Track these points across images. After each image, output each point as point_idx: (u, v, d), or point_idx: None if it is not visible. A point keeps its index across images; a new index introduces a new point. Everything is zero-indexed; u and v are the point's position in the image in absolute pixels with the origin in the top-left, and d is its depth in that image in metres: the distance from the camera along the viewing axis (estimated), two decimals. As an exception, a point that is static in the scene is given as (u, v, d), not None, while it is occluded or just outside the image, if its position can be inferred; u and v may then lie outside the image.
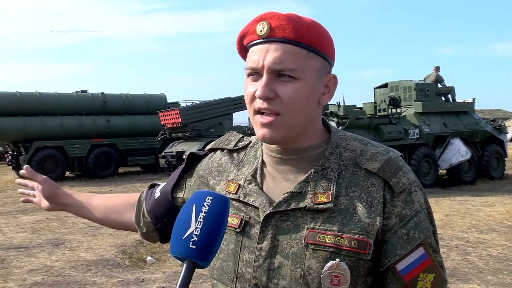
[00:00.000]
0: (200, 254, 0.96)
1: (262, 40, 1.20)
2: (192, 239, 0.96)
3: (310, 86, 1.21)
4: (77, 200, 1.71)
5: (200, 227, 0.97)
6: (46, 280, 6.14)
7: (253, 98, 1.21)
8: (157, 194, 1.51)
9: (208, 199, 1.00)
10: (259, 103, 1.20)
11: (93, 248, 7.73)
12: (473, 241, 7.71)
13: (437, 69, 16.62)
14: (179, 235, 0.98)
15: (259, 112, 1.21)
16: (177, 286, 0.94)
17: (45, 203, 1.73)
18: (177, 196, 1.47)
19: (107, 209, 1.66)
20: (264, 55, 1.18)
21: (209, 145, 1.48)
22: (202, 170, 1.43)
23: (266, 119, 1.19)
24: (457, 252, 7.02)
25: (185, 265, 0.97)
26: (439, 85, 16.34)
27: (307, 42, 1.19)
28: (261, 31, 1.20)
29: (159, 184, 1.56)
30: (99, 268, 6.60)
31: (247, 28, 1.24)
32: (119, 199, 1.68)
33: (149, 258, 7.14)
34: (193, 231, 0.97)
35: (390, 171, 1.21)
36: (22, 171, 1.74)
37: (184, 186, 1.47)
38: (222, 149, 1.42)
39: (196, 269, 0.98)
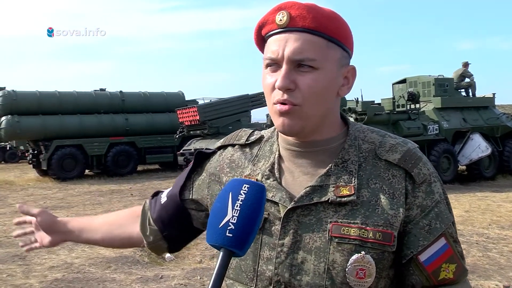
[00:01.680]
0: (237, 243, 0.96)
1: (282, 29, 1.18)
2: (229, 228, 0.96)
3: (330, 77, 1.19)
4: (77, 225, 1.59)
5: (237, 215, 0.97)
6: (67, 277, 6.20)
7: (272, 89, 1.20)
8: (163, 199, 1.46)
9: (244, 187, 1.00)
10: (279, 95, 1.18)
11: (113, 245, 7.78)
12: (494, 237, 7.61)
13: (465, 64, 16.44)
14: (216, 223, 0.98)
15: (278, 102, 1.19)
16: (214, 274, 0.94)
17: (47, 239, 1.60)
18: (185, 197, 1.43)
19: (110, 226, 1.56)
20: (283, 45, 1.17)
21: (218, 142, 1.45)
22: (212, 168, 1.40)
23: (283, 107, 1.17)
24: (478, 248, 6.94)
25: (221, 253, 0.96)
26: (467, 80, 16.17)
27: (327, 32, 1.17)
28: (280, 20, 1.18)
29: (163, 191, 1.51)
30: (118, 265, 6.65)
31: (266, 17, 1.22)
32: (121, 214, 1.60)
33: (168, 255, 7.16)
34: (229, 219, 0.97)
35: (411, 161, 1.20)
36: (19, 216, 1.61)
37: (191, 186, 1.43)
38: (233, 145, 1.39)
39: (214, 267, 0.97)
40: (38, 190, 16.19)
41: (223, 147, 1.42)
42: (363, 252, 1.14)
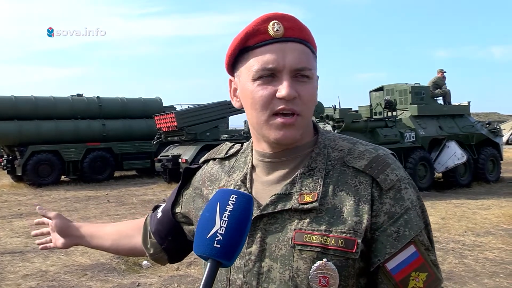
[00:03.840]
0: (225, 254, 0.96)
1: (276, 40, 1.18)
2: (217, 238, 0.96)
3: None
4: (88, 230, 1.72)
5: (225, 226, 0.97)
6: (41, 285, 6.10)
7: (269, 100, 1.18)
8: (159, 214, 1.53)
9: (232, 198, 1.00)
10: (281, 104, 1.17)
11: (89, 252, 7.68)
12: (470, 244, 7.70)
13: (439, 72, 16.65)
14: (203, 234, 0.98)
15: (277, 114, 1.18)
16: (201, 285, 0.94)
17: (60, 241, 1.74)
18: (176, 211, 1.48)
19: (118, 235, 1.67)
20: (282, 55, 1.17)
21: (203, 157, 1.49)
22: (196, 182, 1.44)
23: (289, 119, 1.18)
24: (454, 255, 7.01)
25: (209, 264, 0.96)
26: (441, 88, 16.37)
27: (312, 43, 1.22)
28: (277, 30, 1.18)
29: (161, 205, 1.58)
30: (94, 273, 6.57)
31: (255, 27, 1.20)
32: (129, 225, 1.71)
33: (145, 262, 7.10)
34: (217, 230, 0.97)
35: (378, 168, 1.19)
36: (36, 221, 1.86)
37: (181, 201, 1.48)
38: (214, 159, 1.43)
39: (191, 274, 0.96)
40: (12, 196, 15.94)
41: (206, 161, 1.46)
42: (324, 259, 1.13)
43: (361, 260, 1.16)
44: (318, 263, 1.13)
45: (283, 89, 1.16)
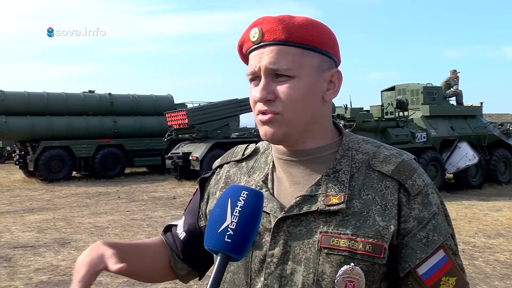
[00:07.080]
0: (235, 248, 0.98)
1: (257, 45, 1.20)
2: (228, 233, 0.98)
3: (308, 83, 1.19)
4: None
5: (235, 221, 0.99)
6: (52, 279, 6.16)
7: (255, 102, 1.22)
8: (181, 235, 1.42)
9: (243, 194, 1.02)
10: (260, 106, 1.20)
11: (99, 248, 7.73)
12: (480, 246, 7.67)
13: (453, 72, 16.54)
14: (215, 228, 1.00)
15: (259, 112, 1.21)
16: (211, 278, 0.96)
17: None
18: (201, 226, 1.41)
19: (139, 256, 1.38)
20: (259, 59, 1.19)
21: (216, 162, 1.46)
22: (211, 187, 1.41)
23: (266, 116, 1.19)
24: (464, 257, 6.97)
25: (219, 258, 0.98)
26: (452, 89, 16.28)
27: (299, 41, 1.18)
28: (253, 37, 1.21)
29: (175, 224, 1.47)
30: (105, 268, 6.60)
31: (243, 36, 1.25)
32: (145, 244, 1.44)
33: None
34: (228, 224, 0.99)
35: (405, 173, 1.18)
36: None
37: (202, 214, 1.42)
38: (229, 162, 1.41)
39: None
40: (24, 191, 16.07)
41: (220, 166, 1.43)
42: (352, 264, 1.12)
43: (384, 265, 1.15)
44: (345, 267, 1.12)
45: (256, 92, 1.19)
